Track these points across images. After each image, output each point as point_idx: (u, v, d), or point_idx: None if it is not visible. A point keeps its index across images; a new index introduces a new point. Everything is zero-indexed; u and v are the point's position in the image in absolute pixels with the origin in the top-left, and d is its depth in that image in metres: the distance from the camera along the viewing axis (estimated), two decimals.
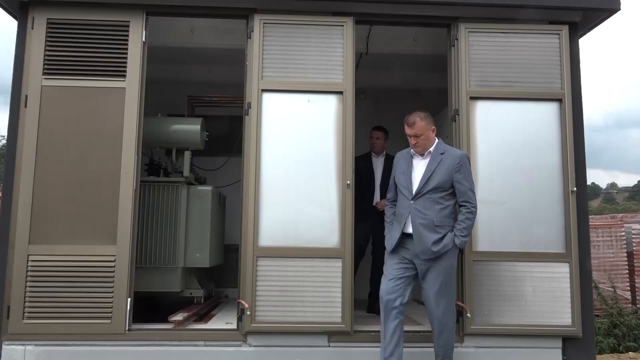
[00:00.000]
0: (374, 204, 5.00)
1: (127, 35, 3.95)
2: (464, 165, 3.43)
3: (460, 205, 3.42)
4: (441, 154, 3.47)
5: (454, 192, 3.43)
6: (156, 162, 4.96)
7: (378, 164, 5.13)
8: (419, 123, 3.46)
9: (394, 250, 3.49)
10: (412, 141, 3.50)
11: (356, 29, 4.08)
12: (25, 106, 3.85)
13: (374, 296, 4.79)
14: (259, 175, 3.84)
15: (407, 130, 3.49)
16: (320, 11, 4.03)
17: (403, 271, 3.45)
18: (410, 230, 3.42)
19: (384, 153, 5.13)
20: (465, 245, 3.84)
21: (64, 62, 3.90)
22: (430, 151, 3.50)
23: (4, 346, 3.65)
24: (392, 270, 3.47)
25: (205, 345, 3.76)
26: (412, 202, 3.44)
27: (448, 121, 4.25)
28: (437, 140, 3.55)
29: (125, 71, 3.92)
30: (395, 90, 6.46)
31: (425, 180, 3.43)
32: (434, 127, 3.51)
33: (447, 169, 3.41)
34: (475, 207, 3.40)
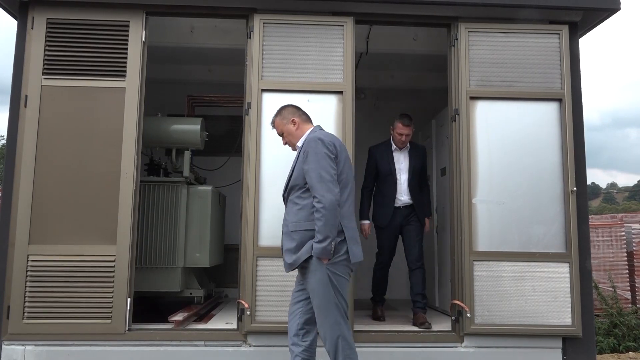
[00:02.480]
0: (397, 206, 4.46)
1: (127, 35, 3.95)
2: (311, 151, 2.81)
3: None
4: (302, 146, 2.98)
5: None
6: (156, 162, 4.96)
7: (401, 158, 4.54)
8: (275, 121, 3.15)
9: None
10: (282, 142, 3.20)
11: (356, 29, 4.08)
12: (25, 106, 3.84)
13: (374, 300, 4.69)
14: (259, 175, 3.84)
15: None
16: (320, 11, 4.03)
17: (300, 294, 2.99)
18: None
19: (407, 145, 4.57)
20: (464, 245, 3.85)
21: (64, 62, 3.90)
22: (298, 146, 3.05)
23: (4, 346, 3.65)
24: (293, 294, 3.07)
25: (205, 345, 3.76)
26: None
27: (448, 121, 4.25)
28: (310, 130, 3.06)
29: (125, 71, 3.92)
30: (395, 90, 6.47)
31: (287, 180, 3.00)
32: (293, 118, 3.07)
33: (300, 161, 2.90)
34: (321, 202, 2.70)
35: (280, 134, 3.17)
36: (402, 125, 4.44)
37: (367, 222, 4.54)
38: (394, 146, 4.55)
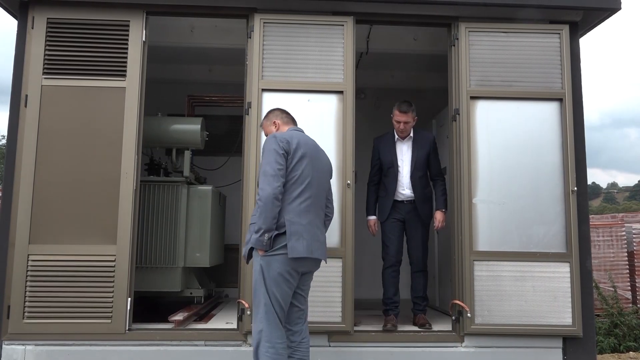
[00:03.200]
0: (400, 200, 4.24)
1: (127, 35, 3.95)
2: (265, 147, 2.96)
3: None
4: None
5: None
6: (156, 162, 4.96)
7: (404, 149, 4.30)
8: (262, 124, 3.37)
9: None
10: None
11: (356, 29, 4.08)
12: (25, 106, 3.84)
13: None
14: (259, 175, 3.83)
15: None
16: (320, 11, 4.03)
17: None
18: None
19: (411, 135, 4.32)
20: (464, 245, 3.85)
21: (64, 62, 3.90)
22: None
23: (4, 346, 3.65)
24: None
25: (205, 345, 3.76)
26: None
27: (448, 121, 4.24)
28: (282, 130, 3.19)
29: (125, 71, 3.91)
30: (396, 89, 6.46)
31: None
32: (275, 120, 3.24)
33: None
34: (259, 194, 2.83)
35: (267, 136, 3.28)
36: (399, 112, 4.16)
37: (372, 217, 4.34)
38: (396, 136, 4.30)
